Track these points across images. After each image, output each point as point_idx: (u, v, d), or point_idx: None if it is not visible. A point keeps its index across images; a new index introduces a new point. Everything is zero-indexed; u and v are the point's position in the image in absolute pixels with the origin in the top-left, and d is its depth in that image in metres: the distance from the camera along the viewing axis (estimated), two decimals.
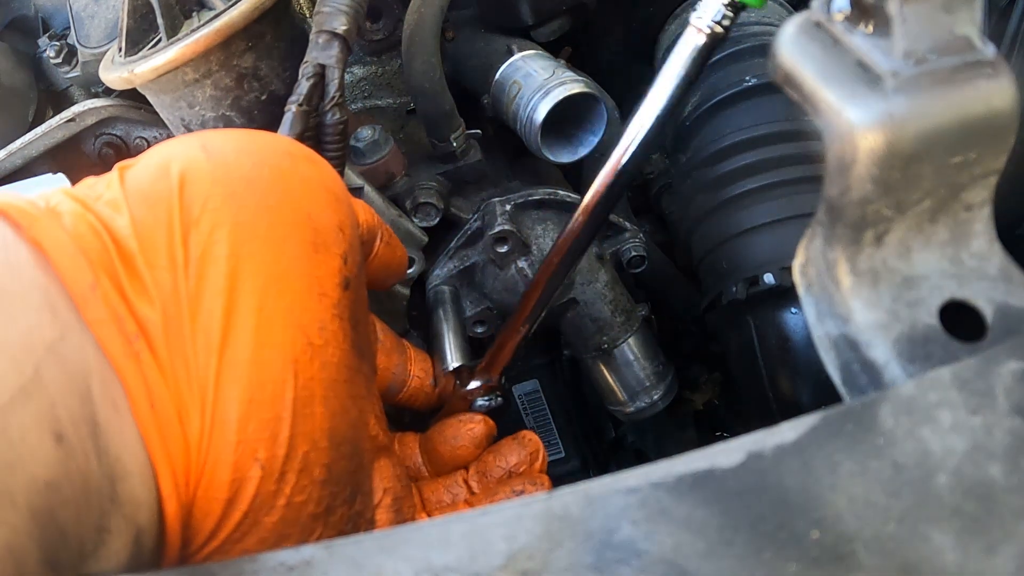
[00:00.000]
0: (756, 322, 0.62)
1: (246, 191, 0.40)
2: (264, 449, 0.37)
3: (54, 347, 0.32)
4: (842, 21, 0.31)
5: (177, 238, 0.37)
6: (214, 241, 0.38)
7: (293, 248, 0.40)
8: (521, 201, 0.68)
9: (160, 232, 0.37)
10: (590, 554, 0.26)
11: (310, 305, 0.40)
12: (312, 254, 0.41)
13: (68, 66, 0.80)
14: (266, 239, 0.39)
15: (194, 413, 0.35)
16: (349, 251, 0.45)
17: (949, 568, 0.25)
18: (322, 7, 0.55)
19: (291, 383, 0.38)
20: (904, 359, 0.31)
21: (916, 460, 0.27)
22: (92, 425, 0.32)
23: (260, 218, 0.40)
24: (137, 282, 0.36)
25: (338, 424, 0.41)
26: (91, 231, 0.36)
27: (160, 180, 0.39)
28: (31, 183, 0.72)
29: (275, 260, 0.39)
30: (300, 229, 0.41)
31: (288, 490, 0.38)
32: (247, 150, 0.42)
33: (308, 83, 0.53)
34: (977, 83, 0.29)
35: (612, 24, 0.82)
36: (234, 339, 0.37)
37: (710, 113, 0.71)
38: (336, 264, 0.43)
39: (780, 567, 0.25)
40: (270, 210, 0.40)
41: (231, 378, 0.36)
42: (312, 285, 0.41)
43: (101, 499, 0.32)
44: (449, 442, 0.56)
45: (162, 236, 0.37)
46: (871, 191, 0.30)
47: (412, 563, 0.26)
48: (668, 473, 0.27)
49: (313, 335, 0.40)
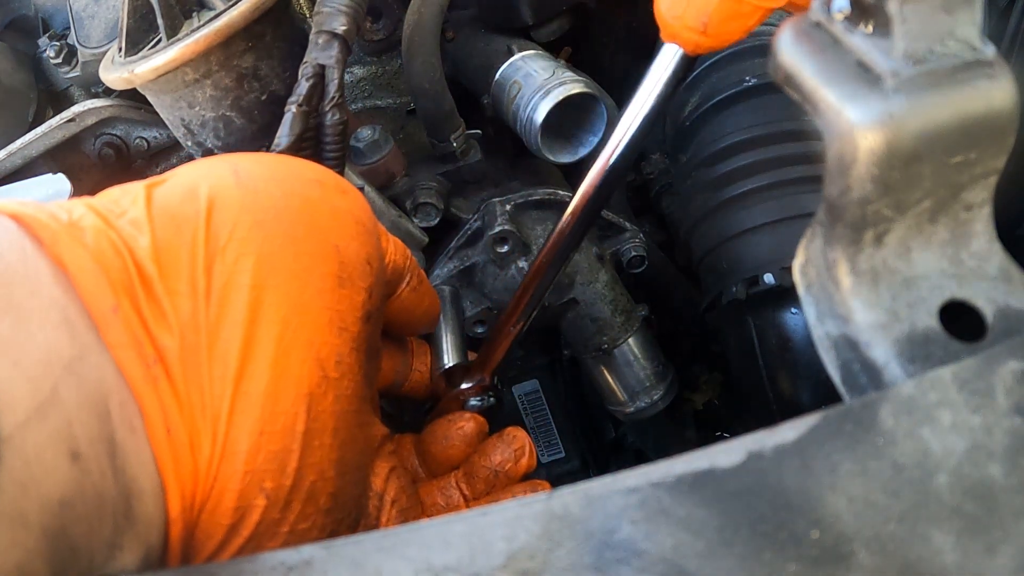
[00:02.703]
0: (756, 322, 0.62)
1: (274, 221, 0.40)
2: (271, 480, 0.37)
3: (72, 366, 0.31)
4: (842, 21, 0.31)
5: (200, 265, 0.37)
6: (238, 271, 0.38)
7: (318, 281, 0.40)
8: (521, 201, 0.68)
9: (183, 257, 0.37)
10: (590, 554, 0.26)
11: (330, 339, 0.40)
12: (336, 288, 0.41)
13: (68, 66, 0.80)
14: (291, 271, 0.39)
15: (206, 441, 0.35)
16: (375, 284, 0.44)
17: (949, 568, 0.25)
18: (322, 7, 0.55)
19: (303, 416, 0.38)
20: (904, 359, 0.31)
21: (916, 460, 0.27)
22: (109, 444, 0.32)
23: (286, 249, 0.39)
24: (156, 307, 0.36)
25: (346, 453, 0.41)
26: (113, 249, 0.36)
27: (188, 202, 0.39)
28: (31, 183, 0.72)
29: (299, 293, 0.39)
30: (326, 262, 0.41)
31: (292, 518, 0.38)
32: (277, 177, 0.42)
33: (308, 83, 0.53)
34: (977, 83, 0.29)
35: (612, 24, 0.82)
36: (251, 370, 0.37)
37: (710, 113, 0.71)
38: (360, 298, 0.43)
39: (780, 567, 0.25)
40: (297, 241, 0.40)
41: (244, 409, 0.36)
42: (334, 319, 0.41)
43: (116, 516, 0.32)
44: (440, 442, 0.56)
45: (185, 261, 0.37)
46: (871, 191, 0.30)
47: (412, 563, 0.26)
48: (668, 473, 0.27)
49: (330, 368, 0.40)
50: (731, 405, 0.86)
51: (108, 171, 0.77)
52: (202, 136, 0.58)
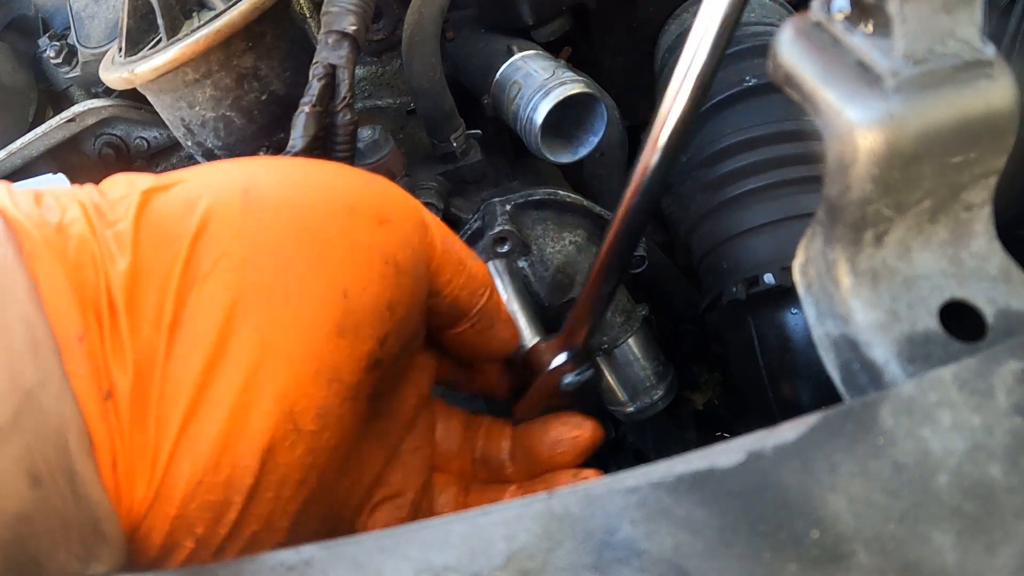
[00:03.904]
0: (756, 322, 0.62)
1: (271, 254, 0.36)
2: (203, 527, 0.35)
3: (33, 393, 0.30)
4: (842, 21, 0.31)
5: (170, 294, 0.35)
6: (212, 307, 0.35)
7: (309, 329, 0.37)
8: (521, 201, 0.68)
9: (155, 283, 0.35)
10: (590, 554, 0.26)
11: (312, 391, 0.37)
12: (333, 337, 0.37)
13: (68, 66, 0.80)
14: (274, 314, 0.36)
15: (140, 481, 0.34)
16: (393, 331, 0.40)
17: (949, 568, 0.25)
18: (330, 7, 0.55)
19: (254, 471, 0.35)
20: (904, 359, 0.31)
21: (916, 460, 0.27)
22: (69, 474, 0.31)
23: (275, 289, 0.36)
24: (116, 339, 0.34)
25: (313, 502, 0.39)
26: (92, 267, 0.34)
27: (181, 219, 0.36)
28: (31, 183, 0.72)
29: (280, 339, 0.36)
30: (326, 308, 0.37)
31: (228, 557, 0.36)
32: (296, 202, 0.38)
33: (319, 84, 0.53)
34: (977, 83, 0.29)
35: (612, 24, 0.82)
36: (202, 415, 0.34)
37: (710, 113, 0.71)
38: (364, 348, 0.39)
39: (780, 567, 0.25)
40: (292, 281, 0.37)
41: (186, 455, 0.34)
42: (322, 371, 0.37)
43: (83, 533, 0.32)
44: (549, 446, 0.51)
45: (155, 289, 0.35)
46: (871, 191, 0.30)
47: (412, 563, 0.26)
48: (668, 473, 0.27)
49: (305, 422, 0.37)
50: (731, 405, 0.86)
51: (108, 171, 0.77)
52: (202, 136, 0.58)
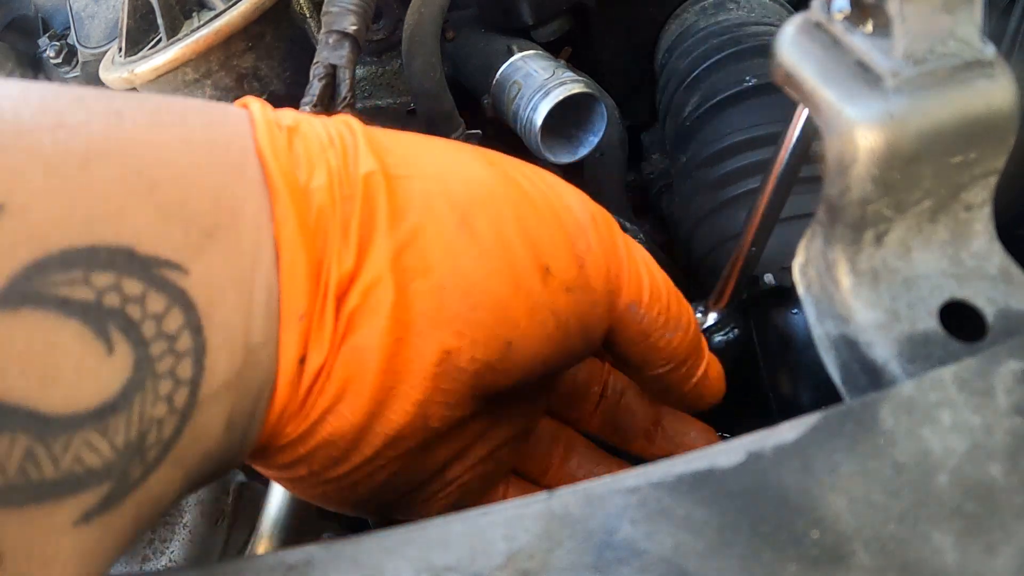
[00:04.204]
0: (756, 322, 0.62)
1: (464, 291, 0.36)
2: (317, 466, 0.36)
3: (255, 352, 0.31)
4: (842, 21, 0.31)
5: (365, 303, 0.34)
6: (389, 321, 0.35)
7: (468, 363, 0.36)
8: None
9: (360, 289, 0.34)
10: (590, 554, 0.26)
11: (448, 405, 0.37)
12: (485, 375, 0.37)
13: (68, 66, 0.81)
14: (440, 338, 0.35)
15: (290, 429, 0.35)
16: (541, 379, 0.40)
17: (949, 568, 0.25)
18: (330, 7, 0.54)
19: (376, 448, 0.37)
20: (904, 359, 0.31)
21: (916, 460, 0.27)
22: (249, 419, 0.33)
23: (457, 313, 0.36)
24: (320, 324, 0.33)
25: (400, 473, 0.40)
26: (323, 250, 0.33)
27: (395, 227, 0.34)
28: None
29: (440, 364, 0.36)
30: (482, 350, 0.36)
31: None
32: (504, 245, 0.37)
33: (320, 84, 0.53)
34: (977, 83, 0.29)
35: (612, 24, 0.82)
36: (346, 402, 0.35)
37: (710, 113, 0.71)
38: (506, 384, 0.38)
39: (780, 567, 0.25)
40: (470, 318, 0.36)
41: (327, 424, 0.35)
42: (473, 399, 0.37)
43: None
44: (683, 446, 0.51)
45: (359, 294, 0.34)
46: (871, 191, 0.30)
47: (412, 563, 0.26)
48: (668, 473, 0.27)
49: (433, 422, 0.37)
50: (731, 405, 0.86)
51: None
52: None
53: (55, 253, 0.26)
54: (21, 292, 0.25)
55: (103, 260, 0.27)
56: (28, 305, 0.25)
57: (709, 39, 0.76)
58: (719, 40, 0.75)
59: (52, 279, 0.26)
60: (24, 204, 0.26)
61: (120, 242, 0.28)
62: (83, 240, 0.27)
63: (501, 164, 0.40)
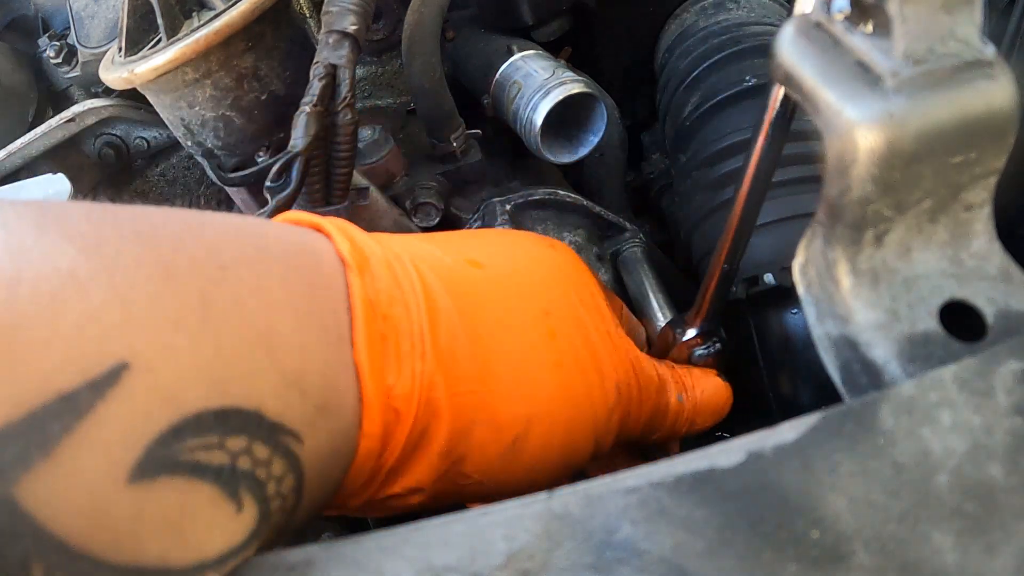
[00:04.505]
0: (756, 322, 0.62)
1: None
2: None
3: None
4: (842, 21, 0.31)
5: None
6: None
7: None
8: (521, 201, 0.68)
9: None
10: (590, 554, 0.26)
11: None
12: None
13: (68, 66, 0.80)
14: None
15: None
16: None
17: (949, 568, 0.25)
18: (330, 7, 0.54)
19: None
20: (904, 359, 0.31)
21: (916, 460, 0.27)
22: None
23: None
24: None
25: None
26: (390, 441, 0.34)
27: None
28: (31, 183, 0.72)
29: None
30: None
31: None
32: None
33: (320, 84, 0.53)
34: (977, 83, 0.29)
35: (612, 24, 0.82)
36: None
37: (710, 113, 0.71)
38: None
39: (780, 567, 0.25)
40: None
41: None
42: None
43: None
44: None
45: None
46: (871, 191, 0.30)
47: (412, 563, 0.26)
48: (668, 473, 0.27)
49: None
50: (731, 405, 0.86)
51: (108, 171, 0.77)
52: (202, 136, 0.58)
53: (191, 416, 0.26)
54: (158, 460, 0.25)
55: (236, 424, 0.27)
56: (164, 474, 0.25)
57: (709, 39, 0.76)
58: (719, 40, 0.75)
59: (188, 444, 0.26)
60: (151, 362, 0.26)
61: (251, 406, 0.28)
62: (217, 402, 0.27)
63: (568, 367, 0.41)
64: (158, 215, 0.31)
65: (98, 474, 0.24)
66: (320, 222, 0.37)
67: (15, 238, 0.26)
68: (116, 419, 0.24)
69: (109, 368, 0.25)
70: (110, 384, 0.24)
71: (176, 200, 0.81)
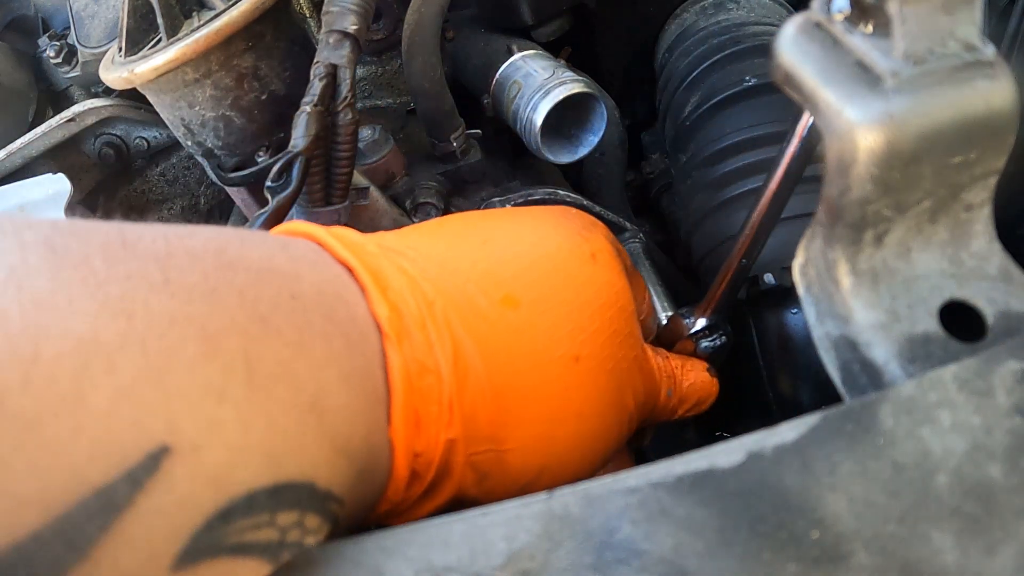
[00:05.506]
0: (756, 322, 0.62)
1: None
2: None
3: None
4: (842, 21, 0.31)
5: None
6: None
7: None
8: (521, 201, 0.68)
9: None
10: (590, 554, 0.26)
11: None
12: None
13: (68, 66, 0.80)
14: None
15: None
16: None
17: (949, 568, 0.25)
18: (331, 7, 0.54)
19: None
20: (904, 359, 0.31)
21: (916, 460, 0.27)
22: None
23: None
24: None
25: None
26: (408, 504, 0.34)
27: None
28: (31, 183, 0.72)
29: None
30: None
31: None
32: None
33: (321, 83, 0.53)
34: (977, 83, 0.29)
35: (612, 24, 0.82)
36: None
37: (710, 113, 0.71)
38: None
39: (780, 567, 0.25)
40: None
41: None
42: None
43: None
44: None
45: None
46: (871, 191, 0.30)
47: (412, 563, 0.26)
48: (668, 473, 0.27)
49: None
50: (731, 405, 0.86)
51: (108, 171, 0.77)
52: (202, 136, 0.58)
53: (241, 498, 0.24)
54: (204, 547, 0.23)
55: (289, 499, 0.26)
56: (207, 558, 0.23)
57: (709, 39, 0.76)
58: (719, 40, 0.75)
59: (237, 526, 0.24)
60: (194, 441, 0.23)
61: (304, 479, 0.26)
62: (270, 479, 0.25)
63: (588, 416, 0.40)
64: (177, 245, 0.27)
65: (140, 570, 0.22)
66: (335, 247, 0.34)
67: (27, 290, 0.22)
68: (158, 511, 0.22)
69: (147, 454, 0.22)
70: (149, 472, 0.22)
71: (176, 200, 0.81)
